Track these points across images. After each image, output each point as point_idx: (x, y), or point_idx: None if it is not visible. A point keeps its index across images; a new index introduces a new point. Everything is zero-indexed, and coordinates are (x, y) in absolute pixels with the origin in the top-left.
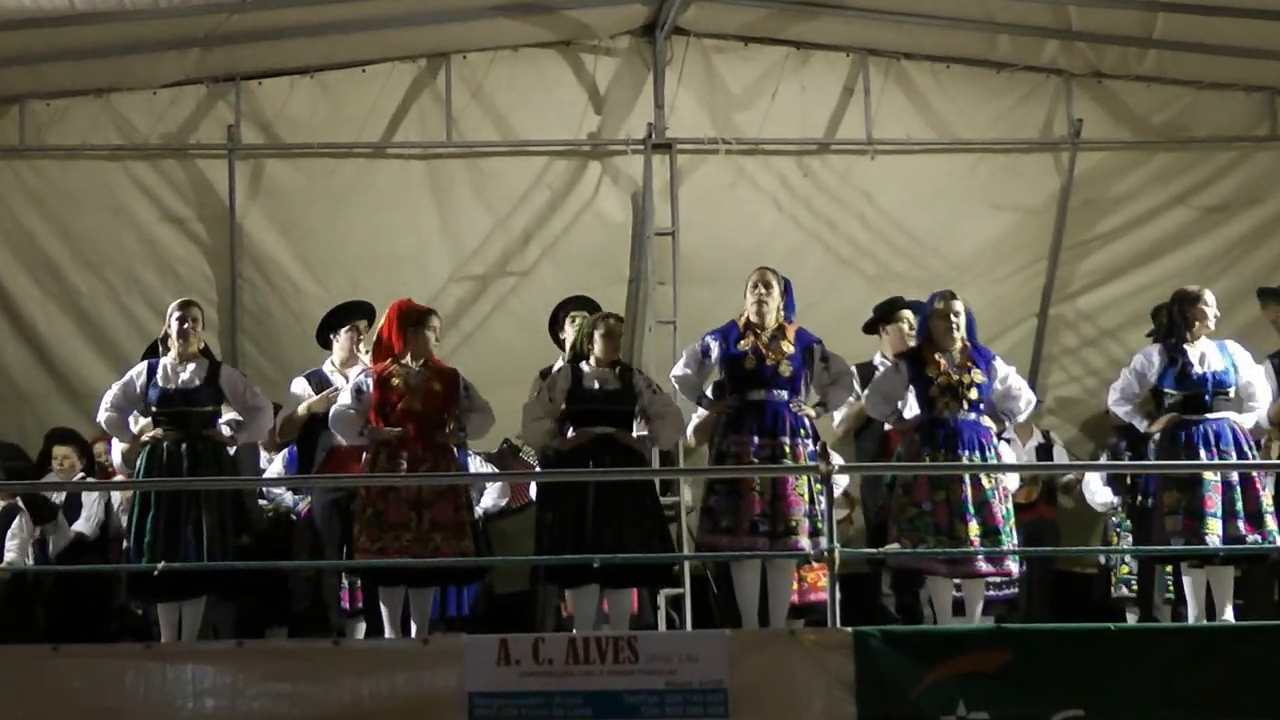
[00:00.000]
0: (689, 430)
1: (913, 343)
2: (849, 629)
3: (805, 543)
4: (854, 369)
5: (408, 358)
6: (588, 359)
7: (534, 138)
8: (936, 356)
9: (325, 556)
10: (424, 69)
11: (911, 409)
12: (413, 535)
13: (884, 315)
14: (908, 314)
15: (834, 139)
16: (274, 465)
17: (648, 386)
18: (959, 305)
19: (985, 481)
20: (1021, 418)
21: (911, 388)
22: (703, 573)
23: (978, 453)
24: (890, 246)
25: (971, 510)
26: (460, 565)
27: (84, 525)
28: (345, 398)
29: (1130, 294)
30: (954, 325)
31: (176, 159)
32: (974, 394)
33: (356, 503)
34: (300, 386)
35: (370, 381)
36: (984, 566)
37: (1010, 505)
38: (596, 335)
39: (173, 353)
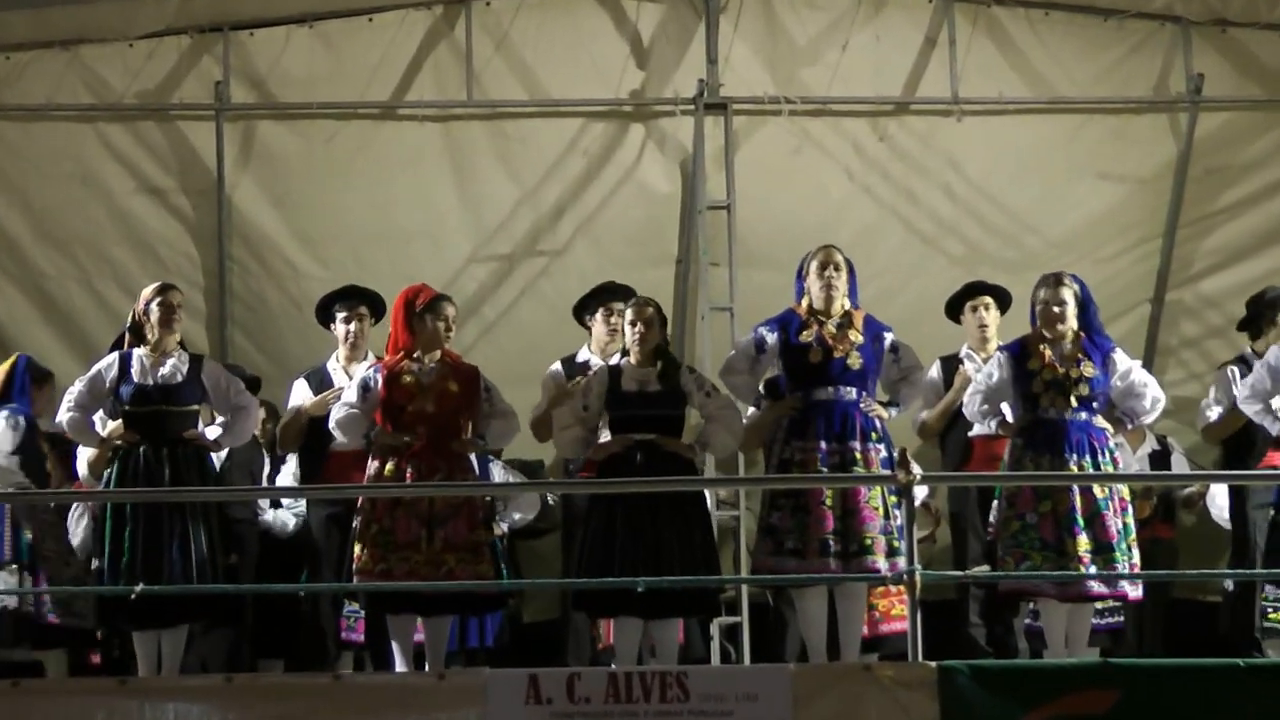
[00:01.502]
0: None
1: (990, 335)
2: (933, 664)
3: (882, 564)
4: (924, 363)
5: (418, 352)
6: (626, 355)
7: (567, 96)
8: (1042, 348)
9: (321, 577)
10: (440, 17)
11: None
12: (423, 556)
13: (959, 300)
14: (985, 301)
15: (914, 98)
16: (281, 478)
17: (698, 386)
18: (1067, 291)
19: (1098, 491)
20: (1148, 419)
21: (1014, 385)
22: (763, 599)
23: (1088, 457)
24: (979, 222)
25: (1081, 523)
26: (478, 590)
27: None
28: (350, 394)
29: (1261, 277)
30: (1061, 313)
31: (155, 121)
32: (1084, 390)
33: (358, 518)
34: (300, 389)
35: (379, 378)
36: (1096, 588)
37: (1129, 519)
38: (626, 327)
39: (149, 342)
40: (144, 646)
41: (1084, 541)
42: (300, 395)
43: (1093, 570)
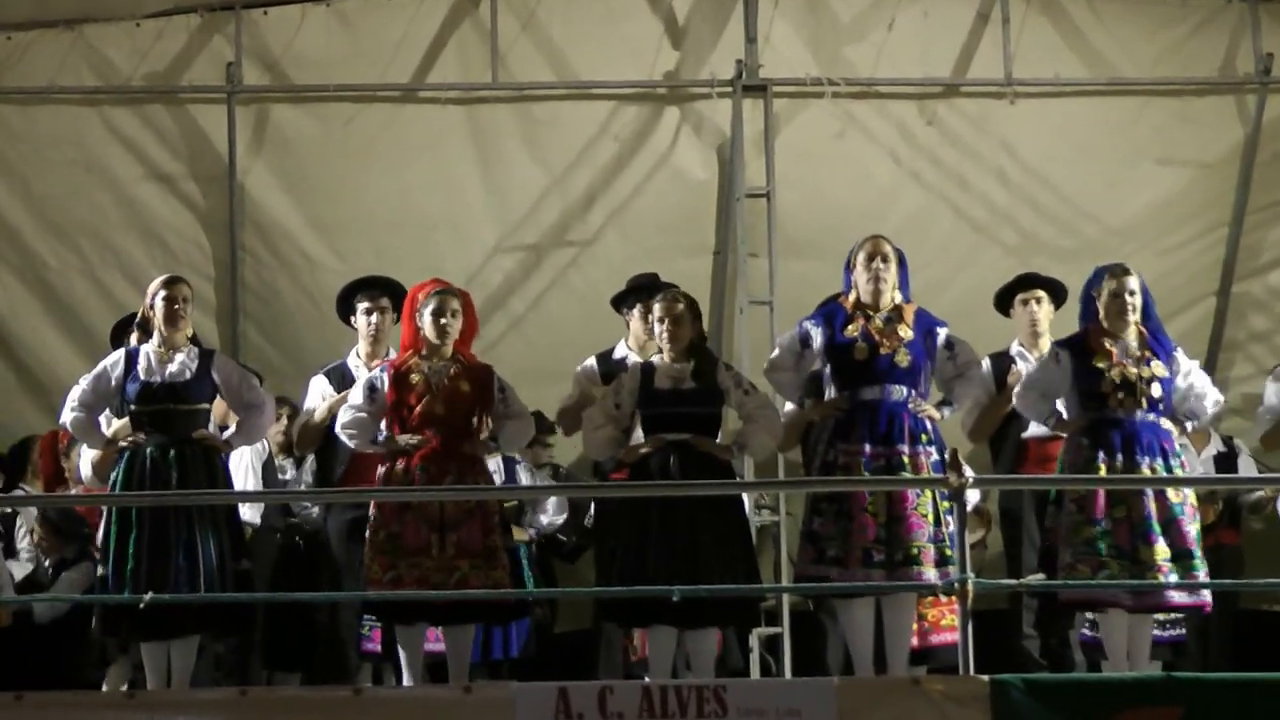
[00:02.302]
0: None
1: (1043, 330)
2: (985, 677)
3: (931, 574)
4: (984, 360)
5: (425, 350)
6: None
7: (597, 78)
8: (1107, 344)
9: (342, 585)
10: None
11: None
12: (434, 563)
13: (1008, 293)
14: (1038, 295)
15: (965, 79)
16: (304, 473)
17: (735, 384)
18: (1134, 282)
19: (1172, 495)
20: (1207, 421)
21: (1075, 383)
22: (805, 608)
23: (1160, 460)
24: (1035, 210)
25: (1158, 529)
26: (492, 599)
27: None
28: (356, 396)
29: None
30: (1130, 306)
31: (164, 104)
32: (1155, 390)
33: (370, 524)
34: (320, 386)
35: (385, 378)
36: (1176, 598)
37: (1199, 524)
38: (655, 324)
39: (156, 338)
40: (153, 658)
41: (1161, 549)
42: (319, 392)
43: (1173, 579)
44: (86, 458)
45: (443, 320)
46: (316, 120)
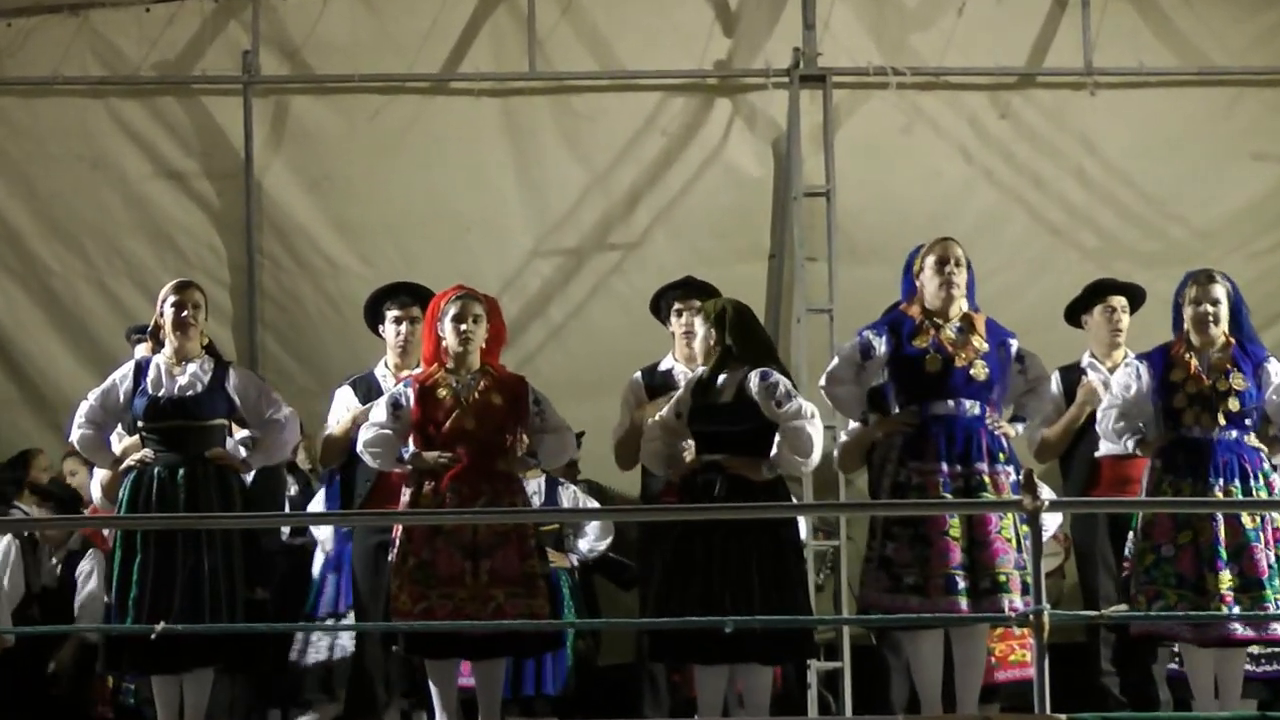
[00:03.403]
0: (835, 453)
1: (1122, 340)
2: (1062, 716)
3: (1018, 602)
4: (1054, 373)
5: (452, 363)
6: None
7: (643, 67)
8: (1188, 357)
9: (367, 615)
10: None
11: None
12: (468, 592)
13: (1083, 302)
14: (1119, 302)
15: (1041, 68)
16: (315, 500)
17: (767, 394)
18: (1220, 290)
19: (1247, 521)
20: None
21: (1155, 399)
22: (866, 641)
23: (1238, 482)
24: (1116, 210)
25: (1225, 557)
26: (525, 630)
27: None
28: (379, 413)
29: None
30: (1211, 317)
31: (175, 95)
32: (1234, 404)
33: (393, 551)
34: (345, 397)
35: (411, 393)
36: (1240, 631)
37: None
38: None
39: (167, 349)
40: (164, 693)
41: (1227, 578)
42: (344, 405)
43: (1237, 610)
44: (97, 479)
45: (463, 327)
46: (340, 113)
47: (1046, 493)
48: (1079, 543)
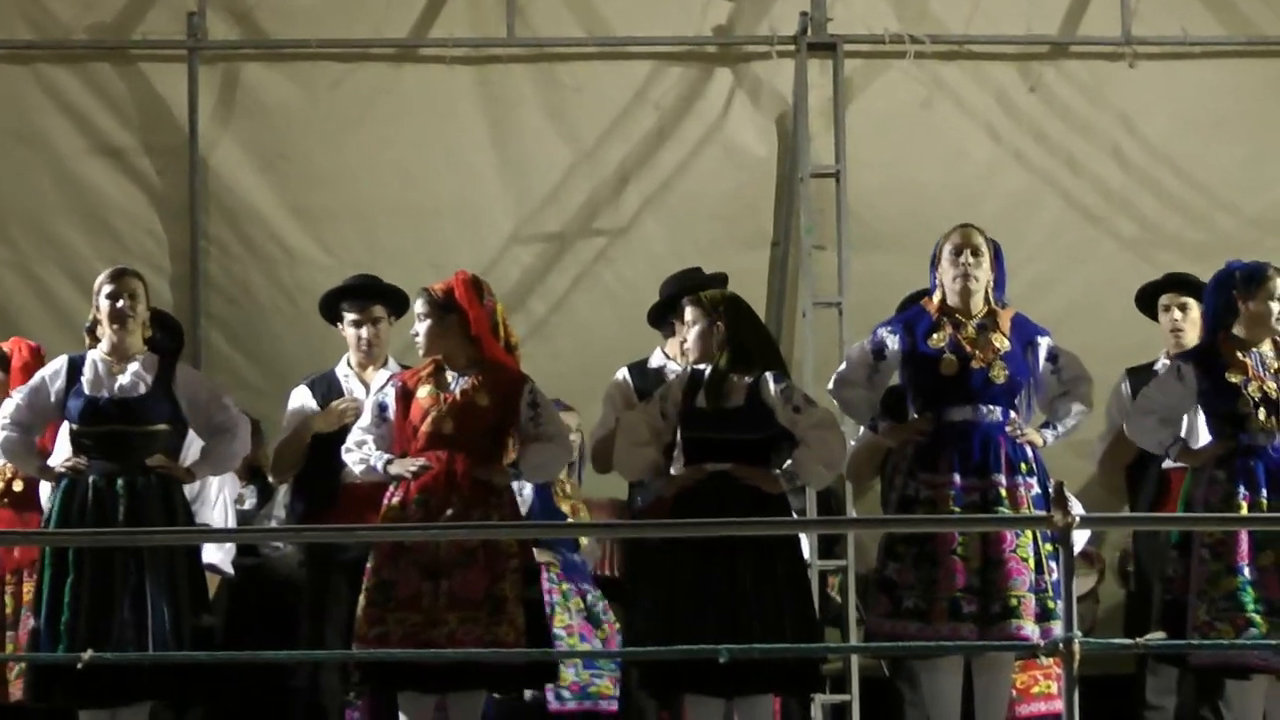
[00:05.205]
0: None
1: (1186, 341)
2: None
3: (1031, 629)
4: (1091, 373)
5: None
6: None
7: (635, 33)
8: (1240, 356)
9: (326, 643)
10: None
11: (1200, 436)
12: (423, 616)
13: (1154, 293)
14: (1186, 301)
15: (1075, 36)
16: (274, 506)
17: (785, 400)
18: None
19: None
20: None
21: (1201, 403)
22: (878, 672)
23: None
24: (1158, 195)
25: None
26: (498, 661)
27: None
28: (365, 418)
29: None
30: (1272, 313)
31: (113, 63)
32: None
33: (367, 569)
34: (301, 398)
35: (393, 393)
36: None
37: None
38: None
39: (104, 345)
40: None
41: None
42: (300, 402)
43: None
44: (46, 488)
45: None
46: (296, 82)
47: (1077, 508)
48: (1145, 565)
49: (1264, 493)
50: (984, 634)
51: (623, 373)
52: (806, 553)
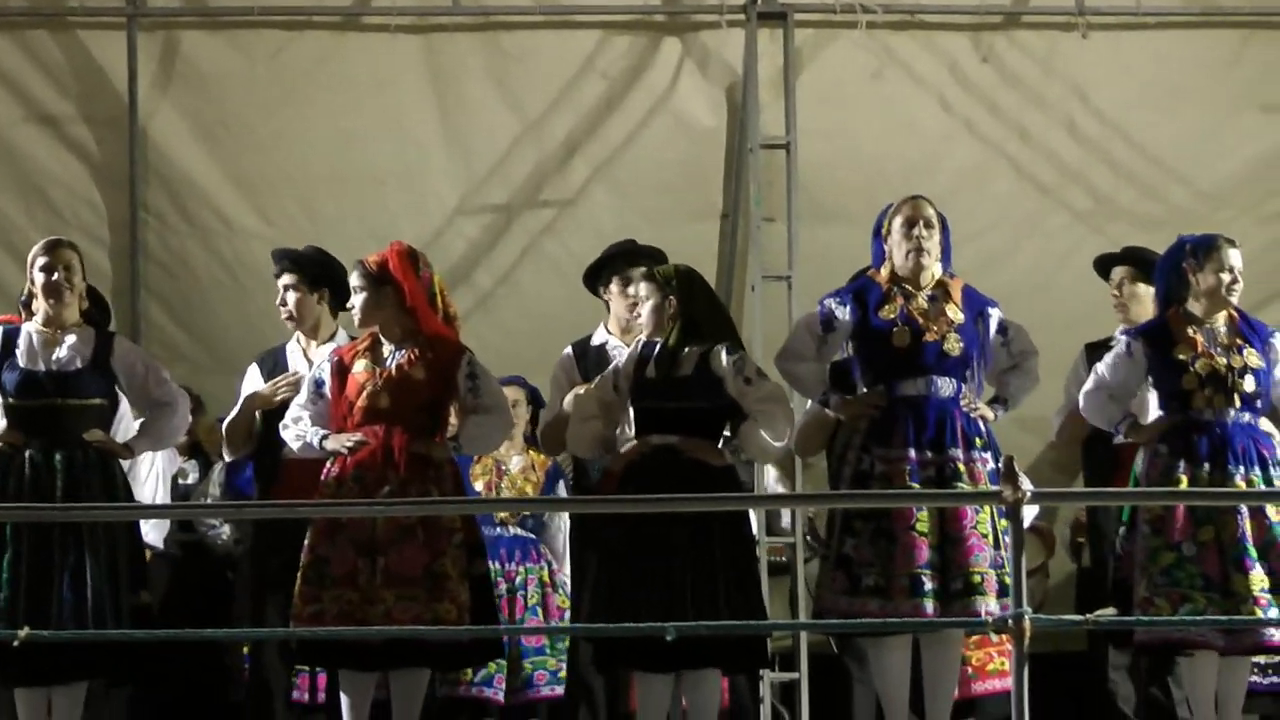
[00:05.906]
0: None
1: (1136, 317)
2: None
3: (994, 606)
4: (1039, 347)
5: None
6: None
7: (582, 2)
8: (1191, 332)
9: (267, 620)
10: None
11: (1152, 412)
12: (359, 594)
13: (1106, 265)
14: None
15: (1028, 6)
16: (210, 484)
17: (735, 371)
18: (1236, 257)
19: (1272, 514)
20: None
21: (1150, 378)
22: (826, 650)
23: (1258, 470)
24: (1111, 167)
25: (1254, 554)
26: (423, 637)
27: None
28: (302, 394)
29: None
30: (1223, 283)
31: (51, 30)
32: (1249, 385)
33: (305, 547)
34: (252, 377)
35: (329, 368)
36: (1277, 637)
37: None
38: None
39: (39, 318)
40: (28, 707)
41: (1258, 578)
42: (252, 381)
43: (1273, 614)
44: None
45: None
46: (237, 51)
47: (1026, 483)
48: (1099, 542)
49: (1206, 467)
50: (945, 611)
51: (567, 351)
52: (756, 529)
